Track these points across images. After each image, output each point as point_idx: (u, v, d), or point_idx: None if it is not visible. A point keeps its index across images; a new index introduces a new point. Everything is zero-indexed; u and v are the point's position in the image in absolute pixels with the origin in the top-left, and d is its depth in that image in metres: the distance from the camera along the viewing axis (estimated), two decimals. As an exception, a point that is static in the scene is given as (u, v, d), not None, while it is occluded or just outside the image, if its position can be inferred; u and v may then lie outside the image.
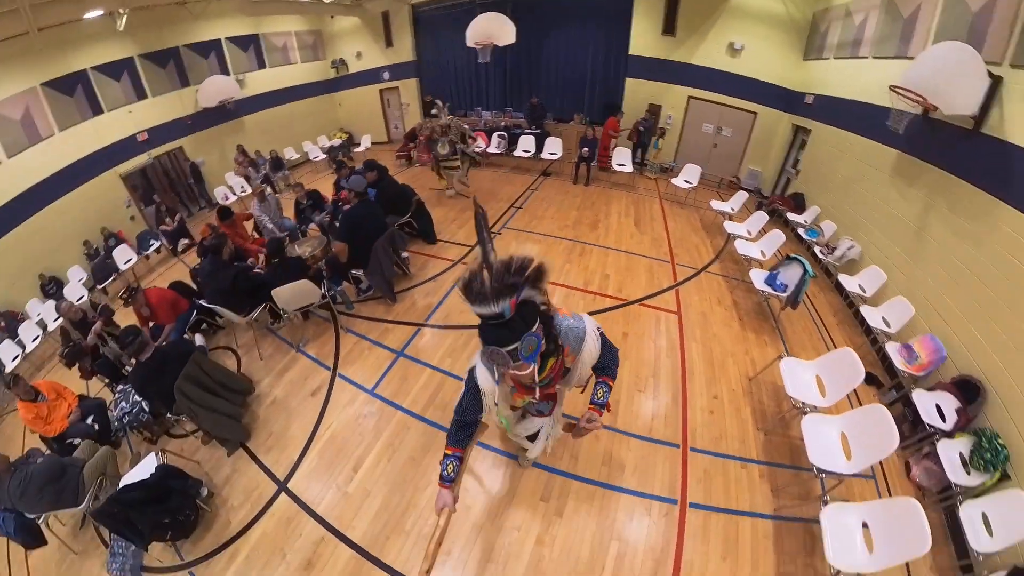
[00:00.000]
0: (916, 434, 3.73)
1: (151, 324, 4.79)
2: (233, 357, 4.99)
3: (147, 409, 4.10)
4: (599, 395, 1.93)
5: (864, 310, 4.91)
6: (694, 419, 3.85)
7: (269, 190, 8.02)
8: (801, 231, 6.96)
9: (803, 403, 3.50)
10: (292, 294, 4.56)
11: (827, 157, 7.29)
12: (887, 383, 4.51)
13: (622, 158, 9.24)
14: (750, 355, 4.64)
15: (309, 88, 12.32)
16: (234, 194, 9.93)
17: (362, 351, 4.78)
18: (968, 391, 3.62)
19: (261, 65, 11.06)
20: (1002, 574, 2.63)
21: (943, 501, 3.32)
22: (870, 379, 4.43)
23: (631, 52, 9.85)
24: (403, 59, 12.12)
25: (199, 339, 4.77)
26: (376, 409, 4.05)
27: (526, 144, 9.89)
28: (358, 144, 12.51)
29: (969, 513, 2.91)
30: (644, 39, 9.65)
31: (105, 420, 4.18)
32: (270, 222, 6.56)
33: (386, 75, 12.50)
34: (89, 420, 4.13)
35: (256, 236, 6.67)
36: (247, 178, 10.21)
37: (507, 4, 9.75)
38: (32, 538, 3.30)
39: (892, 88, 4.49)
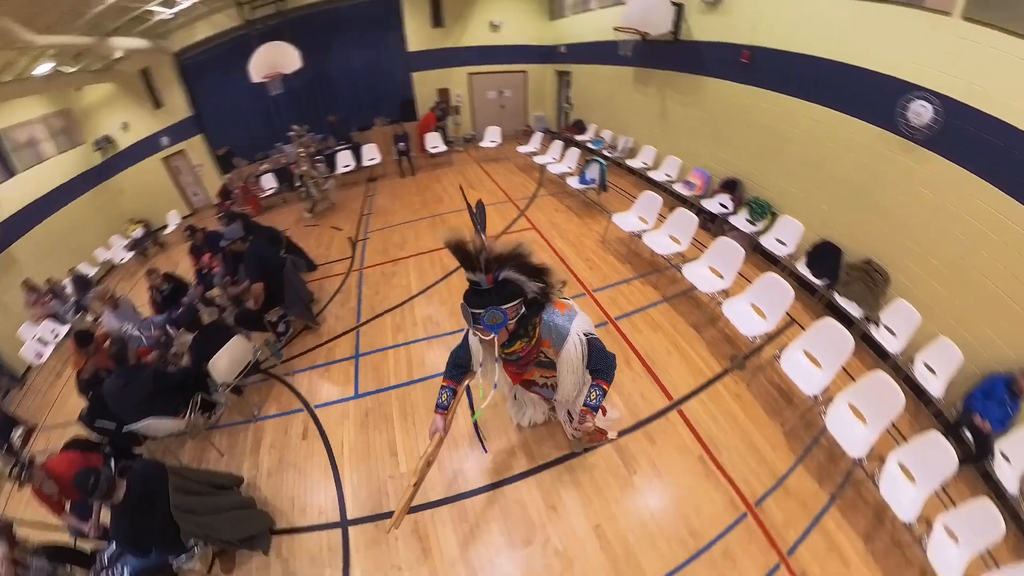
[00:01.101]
0: (716, 223, 5.86)
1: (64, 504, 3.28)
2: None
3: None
4: (592, 397, 1.90)
5: (651, 174, 7.25)
6: (581, 274, 5.43)
7: (120, 293, 6.66)
8: (589, 144, 9.04)
9: (638, 232, 5.36)
10: (230, 359, 4.09)
11: (588, 87, 9.57)
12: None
13: (434, 142, 10.15)
14: (593, 228, 6.52)
15: (78, 183, 9.69)
16: (49, 342, 7.20)
17: (321, 376, 4.59)
18: (732, 187, 5.87)
19: (9, 173, 8.29)
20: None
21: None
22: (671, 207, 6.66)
23: (410, 49, 10.79)
24: (179, 117, 10.64)
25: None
26: (372, 403, 4.11)
27: (345, 160, 10.00)
28: (165, 226, 10.71)
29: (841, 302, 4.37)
30: (418, 35, 10.72)
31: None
32: (137, 329, 5.60)
33: (164, 141, 10.79)
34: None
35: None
36: (55, 316, 7.68)
37: (282, 30, 9.46)
38: None
39: (616, 28, 6.53)
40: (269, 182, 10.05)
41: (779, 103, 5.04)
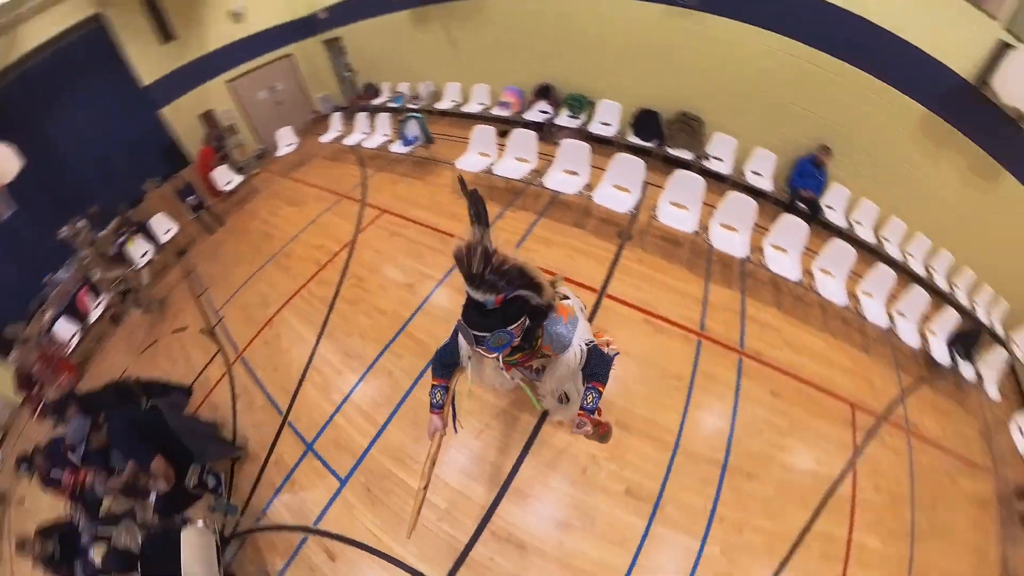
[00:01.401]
0: (546, 129, 5.97)
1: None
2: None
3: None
4: (588, 400, 1.84)
5: (465, 108, 6.99)
6: (455, 230, 5.08)
7: None
8: (390, 104, 8.33)
9: (487, 167, 5.16)
10: (198, 562, 2.95)
11: (365, 46, 8.61)
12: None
13: (223, 177, 8.16)
14: (440, 184, 5.87)
15: None
16: None
17: (293, 494, 3.64)
18: (546, 92, 6.10)
19: None
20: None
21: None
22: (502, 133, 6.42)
23: (146, 83, 8.43)
24: None
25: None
26: (363, 476, 3.42)
27: (140, 248, 7.64)
28: None
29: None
30: (149, 61, 8.15)
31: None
32: None
33: None
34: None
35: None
36: None
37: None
38: None
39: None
40: (66, 329, 7.32)
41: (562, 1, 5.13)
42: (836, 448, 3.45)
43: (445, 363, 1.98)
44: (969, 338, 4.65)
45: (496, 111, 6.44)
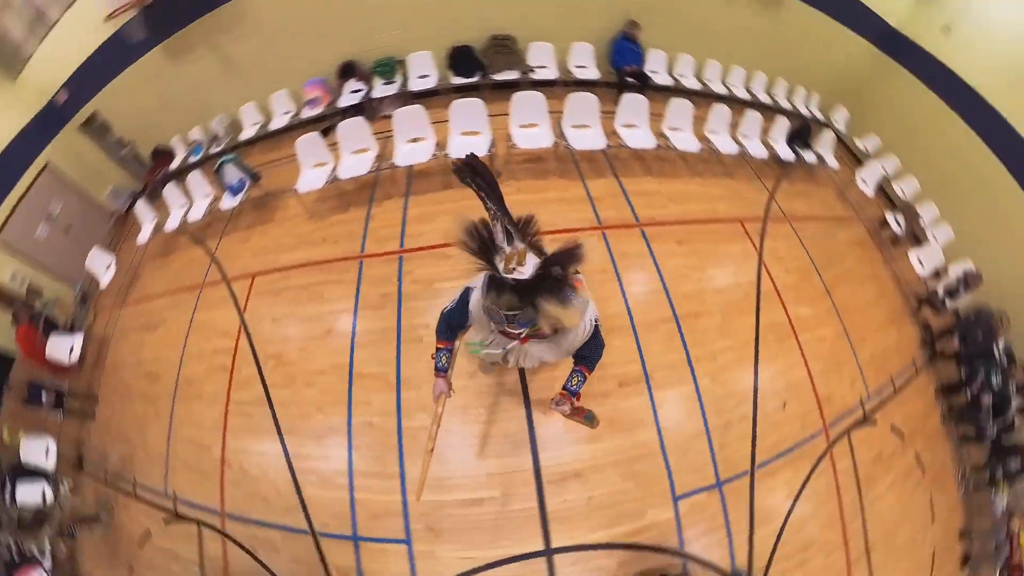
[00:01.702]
0: (367, 108, 5.42)
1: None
2: None
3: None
4: (573, 383, 1.84)
5: (274, 126, 5.98)
6: (334, 259, 4.20)
7: None
8: (192, 159, 6.50)
9: (330, 177, 4.64)
10: None
11: (130, 112, 6.75)
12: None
13: (61, 348, 5.44)
14: (290, 217, 4.69)
15: None
16: None
17: None
18: (350, 70, 5.36)
19: None
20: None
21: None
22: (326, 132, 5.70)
23: None
24: None
25: None
26: (416, 525, 3.02)
27: (34, 492, 4.66)
28: None
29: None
30: None
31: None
32: None
33: None
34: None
35: None
36: None
37: None
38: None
39: (108, 16, 5.10)
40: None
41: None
42: (744, 258, 4.07)
43: (452, 326, 1.93)
44: (802, 132, 5.42)
45: (307, 113, 5.72)
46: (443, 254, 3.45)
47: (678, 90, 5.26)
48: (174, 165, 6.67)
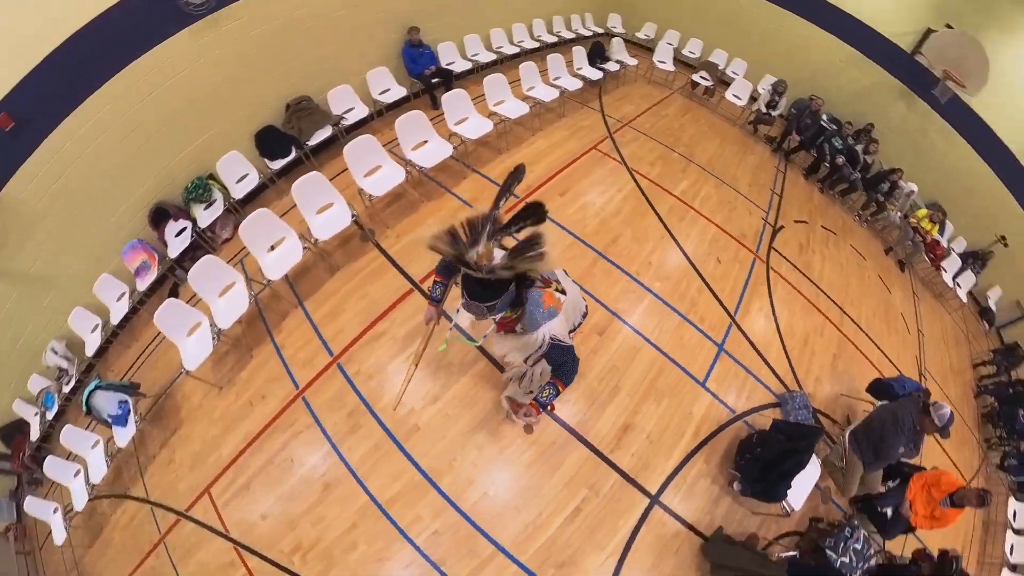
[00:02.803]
0: (203, 245, 4.86)
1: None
2: None
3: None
4: (544, 395, 1.86)
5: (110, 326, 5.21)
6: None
7: None
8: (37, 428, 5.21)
9: None
10: None
11: None
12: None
13: None
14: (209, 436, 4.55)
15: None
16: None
17: None
18: (163, 215, 4.40)
19: None
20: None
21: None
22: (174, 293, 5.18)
23: None
24: None
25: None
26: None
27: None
28: None
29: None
30: None
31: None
32: None
33: None
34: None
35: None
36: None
37: None
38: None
39: None
40: None
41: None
42: (614, 174, 4.46)
43: (449, 266, 1.98)
44: (596, 50, 5.90)
45: (143, 284, 4.02)
46: (374, 334, 3.18)
47: (487, 66, 5.42)
48: (35, 435, 4.88)
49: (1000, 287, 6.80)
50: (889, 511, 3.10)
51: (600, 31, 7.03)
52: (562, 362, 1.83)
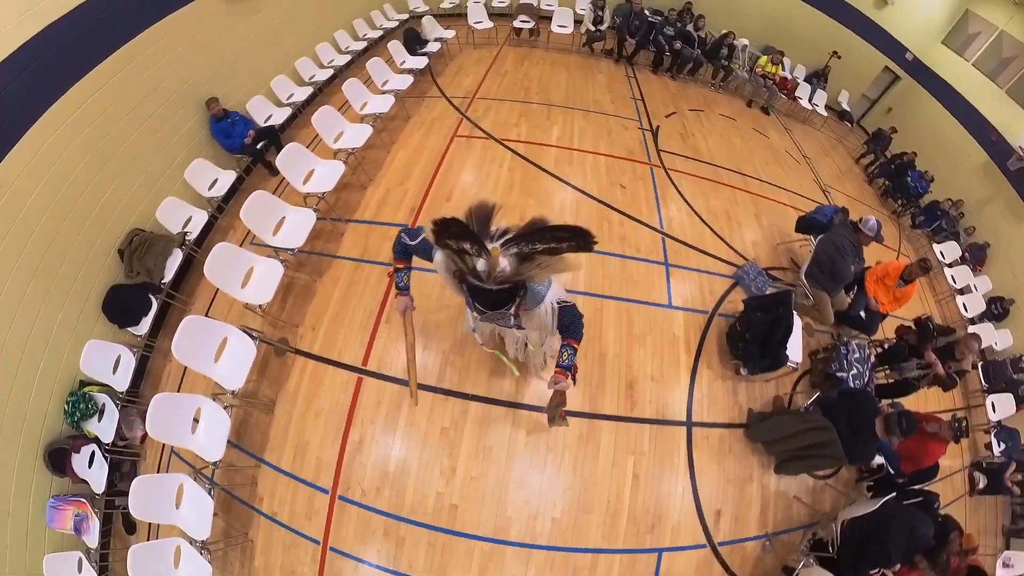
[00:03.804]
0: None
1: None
2: None
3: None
4: (564, 357, 1.81)
5: None
6: None
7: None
8: None
9: None
10: None
11: None
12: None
13: None
14: None
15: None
16: None
17: None
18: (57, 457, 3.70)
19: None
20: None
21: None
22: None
23: None
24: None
25: None
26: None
27: None
28: None
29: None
30: None
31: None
32: None
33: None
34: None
35: None
36: None
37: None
38: None
39: None
40: None
41: None
42: (491, 153, 4.19)
43: (407, 253, 1.93)
44: (411, 36, 5.50)
45: (92, 541, 2.88)
46: (354, 445, 2.72)
47: (301, 110, 4.85)
48: None
49: (847, 91, 7.58)
50: (862, 313, 3.46)
51: (405, 17, 6.57)
52: (571, 321, 1.83)
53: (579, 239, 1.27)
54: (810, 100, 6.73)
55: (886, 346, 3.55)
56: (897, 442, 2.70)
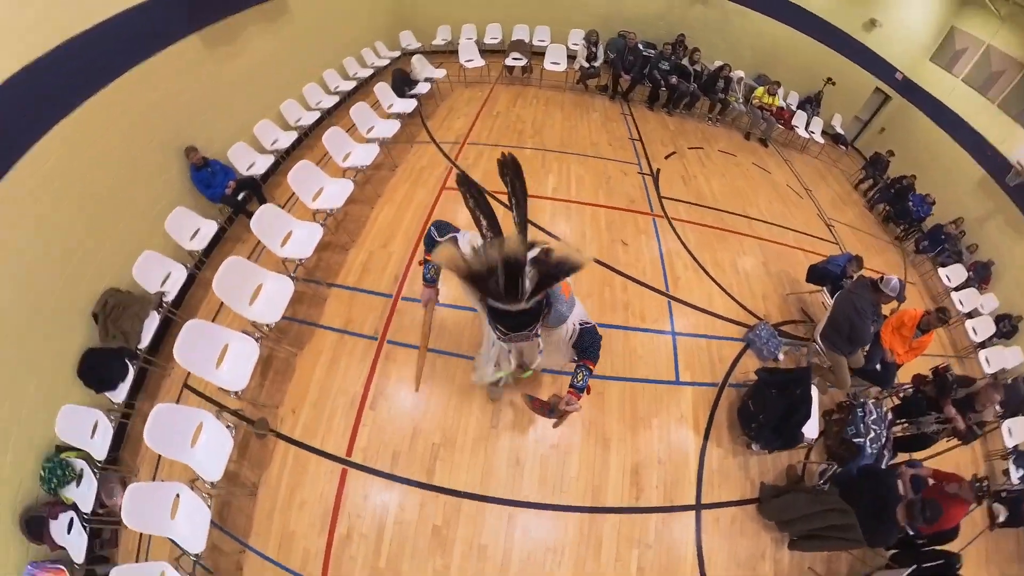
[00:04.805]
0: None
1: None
2: None
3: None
4: (578, 379, 1.76)
5: None
6: None
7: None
8: None
9: None
10: None
11: None
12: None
13: None
14: None
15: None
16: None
17: None
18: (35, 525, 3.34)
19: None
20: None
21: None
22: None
23: None
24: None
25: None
26: None
27: None
28: None
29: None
30: None
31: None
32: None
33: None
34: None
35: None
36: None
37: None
38: None
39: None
40: None
41: None
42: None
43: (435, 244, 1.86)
44: (399, 78, 5.20)
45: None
46: (340, 539, 2.47)
47: (283, 157, 4.61)
48: None
49: (839, 113, 7.46)
50: (878, 366, 3.20)
51: (397, 54, 6.38)
52: (590, 343, 1.77)
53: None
54: (807, 128, 6.56)
55: (902, 395, 3.34)
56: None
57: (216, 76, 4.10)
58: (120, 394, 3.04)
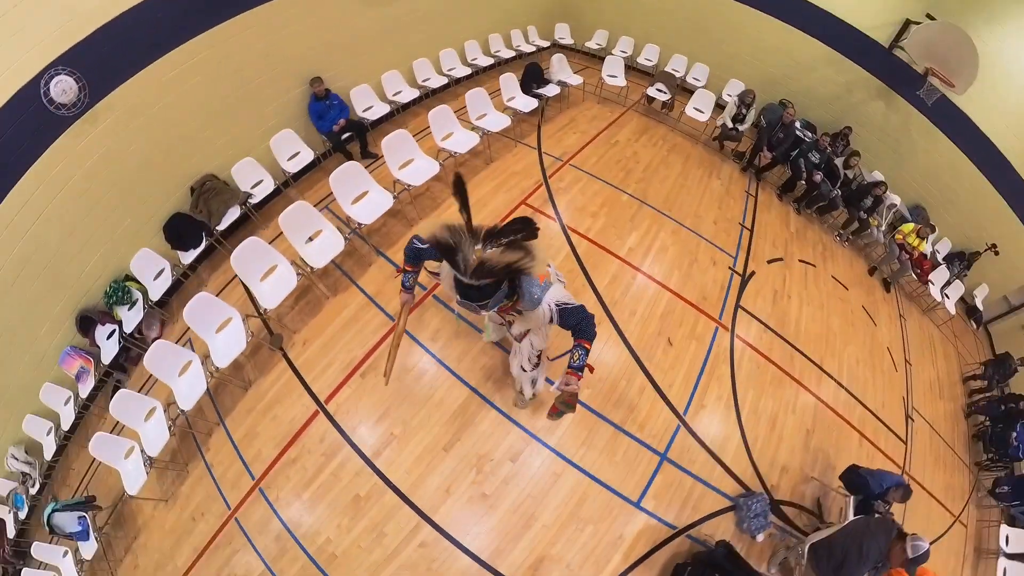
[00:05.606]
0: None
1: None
2: None
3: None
4: (575, 358, 1.81)
5: None
6: None
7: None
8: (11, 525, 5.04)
9: None
10: None
11: None
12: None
13: None
14: None
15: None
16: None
17: None
18: (87, 322, 3.97)
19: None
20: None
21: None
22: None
23: None
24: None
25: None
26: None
27: None
28: None
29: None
30: None
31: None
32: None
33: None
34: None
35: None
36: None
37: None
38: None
39: None
40: None
41: None
42: (547, 241, 3.64)
43: (419, 257, 2.04)
44: (531, 72, 5.06)
45: (85, 388, 3.44)
46: (288, 460, 2.75)
47: (399, 111, 4.67)
48: (11, 532, 4.54)
49: (987, 284, 6.12)
50: None
51: (547, 44, 6.15)
52: (577, 323, 1.81)
53: (528, 228, 1.64)
54: (943, 289, 5.49)
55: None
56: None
57: (363, 16, 4.29)
58: (188, 257, 3.69)
